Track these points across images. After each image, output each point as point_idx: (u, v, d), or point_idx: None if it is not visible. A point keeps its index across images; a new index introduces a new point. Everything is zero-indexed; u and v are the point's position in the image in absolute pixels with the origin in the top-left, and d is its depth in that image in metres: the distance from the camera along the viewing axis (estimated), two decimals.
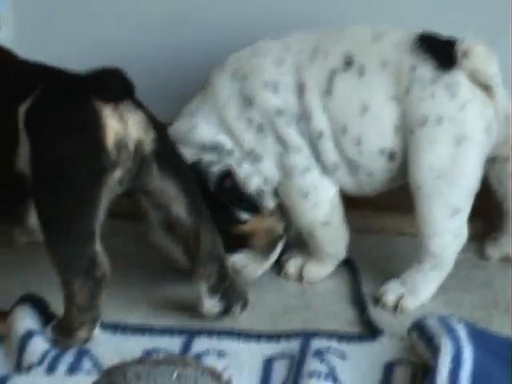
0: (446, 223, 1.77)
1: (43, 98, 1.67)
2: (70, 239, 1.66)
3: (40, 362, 1.63)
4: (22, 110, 1.66)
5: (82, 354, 1.67)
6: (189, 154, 1.84)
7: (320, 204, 1.85)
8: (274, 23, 2.06)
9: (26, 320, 1.72)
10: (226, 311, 1.81)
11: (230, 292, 1.82)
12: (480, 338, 1.57)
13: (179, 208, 1.76)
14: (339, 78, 1.78)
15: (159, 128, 1.73)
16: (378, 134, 1.77)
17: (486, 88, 1.73)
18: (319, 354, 1.64)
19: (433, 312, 1.70)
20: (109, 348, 1.68)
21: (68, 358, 1.66)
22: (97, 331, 1.72)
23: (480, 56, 1.72)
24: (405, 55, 1.74)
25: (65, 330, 1.71)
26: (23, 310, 1.74)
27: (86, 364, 1.65)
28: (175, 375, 1.26)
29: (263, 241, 1.91)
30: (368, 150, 1.78)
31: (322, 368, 1.59)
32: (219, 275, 1.81)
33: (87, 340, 1.71)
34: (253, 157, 1.85)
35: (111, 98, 1.64)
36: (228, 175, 1.84)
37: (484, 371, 1.49)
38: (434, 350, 1.54)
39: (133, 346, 1.68)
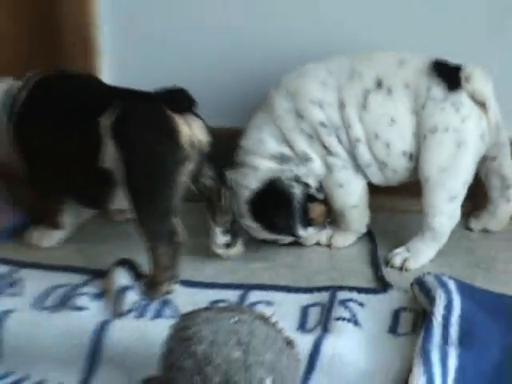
0: (445, 206, 1.80)
1: (126, 112, 1.74)
2: (156, 215, 1.74)
3: (131, 310, 1.68)
4: (106, 121, 1.74)
5: (164, 303, 1.72)
6: (259, 162, 1.90)
7: (351, 193, 1.90)
8: (316, 47, 2.03)
9: (121, 278, 1.76)
10: (230, 245, 1.92)
11: (234, 235, 1.92)
12: (466, 291, 1.62)
13: (209, 181, 1.85)
14: (372, 96, 1.81)
15: (211, 135, 1.80)
16: (401, 140, 1.80)
17: (483, 105, 1.76)
18: (343, 303, 1.69)
19: (430, 271, 1.71)
20: (185, 299, 1.70)
21: (153, 306, 1.71)
22: (176, 286, 1.77)
23: (478, 80, 1.76)
24: (422, 78, 1.77)
25: (152, 285, 1.76)
26: (119, 270, 1.79)
27: (167, 311, 1.69)
28: (234, 319, 1.29)
29: (321, 219, 1.96)
30: (394, 152, 1.81)
31: (345, 314, 1.65)
32: (230, 223, 1.92)
33: (169, 292, 1.76)
34: (305, 159, 1.89)
35: (179, 110, 1.72)
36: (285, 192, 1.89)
37: (469, 316, 1.54)
38: (431, 300, 1.58)
39: (203, 298, 1.70)
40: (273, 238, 1.95)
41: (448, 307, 1.55)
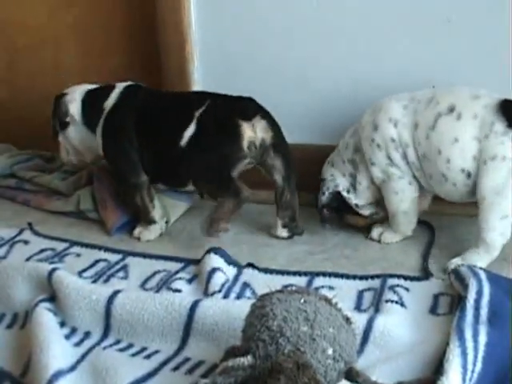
0: (497, 224, 1.75)
1: (211, 109, 1.90)
2: (224, 184, 1.87)
3: (219, 291, 1.69)
4: (197, 113, 1.90)
5: (245, 286, 1.73)
6: (339, 162, 1.99)
7: (404, 200, 1.89)
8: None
9: (212, 261, 1.79)
10: (289, 237, 1.99)
11: (295, 229, 2.00)
12: (494, 279, 1.60)
13: (278, 175, 1.95)
14: (442, 119, 1.78)
15: (276, 129, 1.92)
16: (461, 159, 1.76)
17: None
18: (392, 288, 1.69)
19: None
20: (262, 283, 1.69)
21: (236, 288, 1.72)
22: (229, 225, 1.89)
23: None
24: (489, 114, 1.74)
25: (211, 223, 1.88)
26: (210, 256, 1.81)
27: (247, 293, 1.71)
28: (302, 300, 1.29)
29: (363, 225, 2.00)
30: (453, 167, 1.78)
31: (394, 297, 1.65)
32: (290, 218, 1.99)
33: (226, 230, 1.88)
34: (369, 162, 1.90)
35: (247, 116, 1.84)
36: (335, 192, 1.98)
37: (496, 300, 1.52)
38: (465, 286, 1.58)
39: (276, 282, 1.68)
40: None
41: (479, 293, 1.54)
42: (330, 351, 1.24)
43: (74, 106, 2.07)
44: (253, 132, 1.88)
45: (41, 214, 2.22)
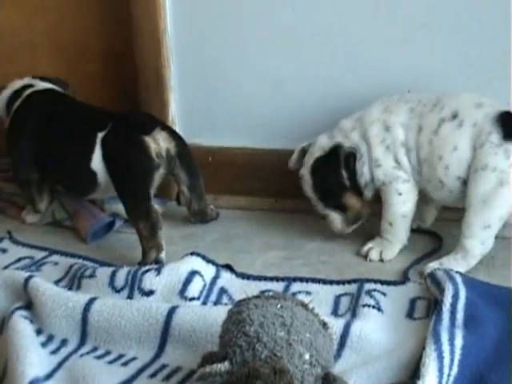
0: (479, 232, 1.75)
1: (113, 131, 1.92)
2: (137, 201, 1.89)
3: (198, 298, 1.68)
4: (100, 135, 1.92)
5: (222, 292, 1.72)
6: (341, 139, 1.92)
7: (406, 202, 1.87)
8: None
9: (191, 262, 1.76)
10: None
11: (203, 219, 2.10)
12: (470, 283, 1.61)
13: (183, 186, 2.01)
14: (445, 124, 1.79)
15: (179, 139, 1.96)
16: (458, 166, 1.77)
17: None
18: (369, 292, 1.68)
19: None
20: (239, 288, 1.71)
21: (213, 296, 1.71)
22: (163, 255, 1.86)
23: None
24: (488, 123, 1.75)
25: (143, 255, 1.86)
26: (189, 256, 1.78)
27: (224, 298, 1.71)
28: (279, 305, 1.30)
29: (352, 214, 1.94)
30: (451, 174, 1.79)
31: (371, 301, 1.65)
32: (201, 222, 2.10)
33: (156, 260, 1.84)
34: (375, 163, 1.88)
35: (147, 131, 1.90)
36: (353, 158, 1.89)
37: (472, 304, 1.53)
38: (441, 290, 1.58)
39: (253, 288, 1.69)
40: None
41: (455, 297, 1.54)
42: (306, 356, 1.25)
43: (1, 101, 2.17)
44: (156, 144, 1.91)
45: (17, 221, 2.21)
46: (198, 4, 2.14)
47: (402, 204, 1.88)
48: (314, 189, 1.94)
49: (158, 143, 1.91)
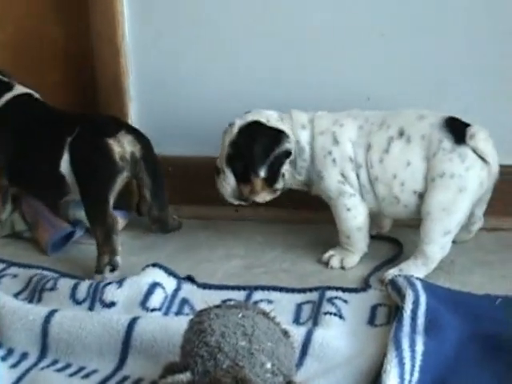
0: (439, 238, 1.77)
1: (80, 134, 1.91)
2: (96, 204, 1.90)
3: (159, 309, 1.68)
4: (69, 140, 1.91)
5: (183, 302, 1.72)
6: (288, 129, 1.89)
7: (357, 216, 1.86)
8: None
9: (152, 273, 1.76)
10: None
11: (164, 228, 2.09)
12: (430, 289, 1.63)
13: (146, 190, 2.00)
14: (394, 143, 1.80)
15: (144, 143, 1.96)
16: (414, 181, 1.78)
17: (484, 159, 1.76)
18: (330, 300, 1.69)
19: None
20: (200, 298, 1.70)
21: (175, 307, 1.71)
22: (118, 259, 1.86)
23: (480, 139, 1.75)
24: (436, 132, 1.76)
25: (97, 258, 1.87)
26: (150, 268, 1.79)
27: (186, 309, 1.70)
28: (240, 315, 1.30)
29: (247, 192, 1.90)
30: (407, 189, 1.79)
31: (332, 309, 1.65)
32: (160, 231, 2.09)
33: (110, 263, 1.85)
34: (318, 174, 1.87)
35: (112, 133, 1.90)
36: (287, 154, 1.87)
37: (433, 309, 1.55)
38: (402, 297, 1.59)
39: (215, 297, 1.68)
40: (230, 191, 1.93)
41: (415, 303, 1.56)
42: (268, 365, 1.25)
43: None
44: (120, 147, 1.91)
45: None
46: (156, 12, 2.14)
47: (353, 218, 1.88)
48: (233, 143, 1.90)
49: (123, 146, 1.91)
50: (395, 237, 2.00)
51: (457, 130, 1.77)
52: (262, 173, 1.87)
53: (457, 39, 1.98)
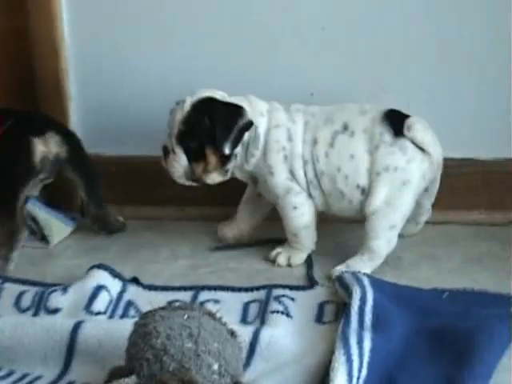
0: (385, 233, 1.78)
1: (9, 130, 1.89)
2: (3, 202, 1.87)
3: (104, 312, 1.67)
4: None
5: (129, 305, 1.70)
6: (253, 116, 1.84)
7: (304, 214, 1.86)
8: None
9: (97, 276, 1.74)
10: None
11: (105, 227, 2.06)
12: (378, 285, 1.64)
13: (80, 190, 1.98)
14: (339, 137, 1.80)
15: (73, 144, 1.95)
16: (357, 174, 1.79)
17: (423, 150, 1.77)
18: (277, 298, 1.69)
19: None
20: (146, 300, 1.66)
21: (120, 309, 1.69)
22: (10, 267, 1.85)
23: (417, 130, 1.77)
24: (377, 125, 1.78)
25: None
26: (94, 271, 1.76)
27: (131, 311, 1.68)
28: (186, 316, 1.30)
29: (200, 172, 1.85)
30: (351, 184, 1.80)
31: (279, 307, 1.65)
32: (101, 228, 2.06)
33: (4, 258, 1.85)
34: (268, 169, 1.86)
35: (39, 132, 1.87)
36: (248, 126, 1.82)
37: (380, 305, 1.55)
38: (349, 293, 1.59)
39: (161, 298, 1.64)
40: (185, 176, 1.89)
41: (363, 299, 1.56)
42: (215, 366, 1.25)
43: None
44: (45, 147, 1.90)
45: None
46: (95, 11, 2.12)
47: (300, 216, 1.87)
48: (186, 121, 1.85)
49: (48, 147, 1.89)
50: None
51: (396, 122, 1.79)
52: (227, 149, 1.82)
53: (395, 31, 2.00)
